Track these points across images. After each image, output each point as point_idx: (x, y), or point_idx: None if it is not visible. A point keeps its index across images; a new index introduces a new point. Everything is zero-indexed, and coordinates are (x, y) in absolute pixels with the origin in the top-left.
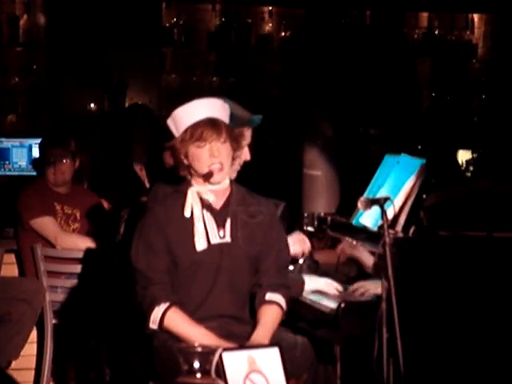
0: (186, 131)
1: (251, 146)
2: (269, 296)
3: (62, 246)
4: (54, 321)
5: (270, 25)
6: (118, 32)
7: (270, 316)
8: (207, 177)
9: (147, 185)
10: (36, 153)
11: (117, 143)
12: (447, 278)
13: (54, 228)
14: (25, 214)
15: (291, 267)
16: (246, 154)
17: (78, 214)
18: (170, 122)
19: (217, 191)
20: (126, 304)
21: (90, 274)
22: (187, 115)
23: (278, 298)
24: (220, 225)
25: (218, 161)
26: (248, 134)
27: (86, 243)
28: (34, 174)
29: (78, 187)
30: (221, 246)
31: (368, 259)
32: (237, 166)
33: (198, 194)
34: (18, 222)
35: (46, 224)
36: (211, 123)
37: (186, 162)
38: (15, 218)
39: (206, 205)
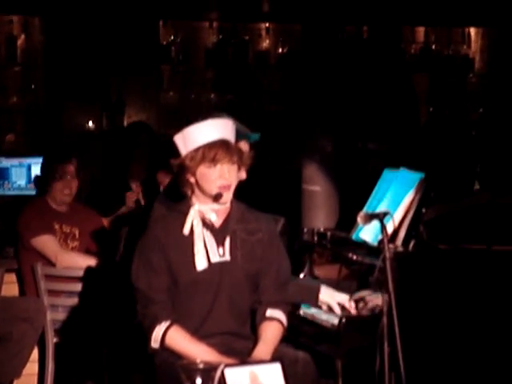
0: (197, 150)
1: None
2: (269, 312)
3: (62, 264)
4: (55, 339)
5: (267, 41)
6: (115, 50)
7: (271, 332)
8: (216, 198)
9: (142, 202)
10: (36, 172)
11: (117, 161)
12: (447, 291)
13: (54, 246)
14: (25, 233)
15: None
16: (241, 174)
17: (76, 233)
18: (178, 138)
19: (217, 209)
20: (127, 322)
21: (91, 292)
22: (200, 134)
23: (278, 314)
24: (220, 243)
25: (227, 182)
26: (246, 148)
27: (86, 261)
28: (33, 193)
29: (77, 205)
30: (221, 264)
31: None
32: None
33: (200, 212)
34: (18, 241)
35: (46, 242)
36: (225, 145)
37: (192, 180)
38: (15, 238)
39: (206, 223)
